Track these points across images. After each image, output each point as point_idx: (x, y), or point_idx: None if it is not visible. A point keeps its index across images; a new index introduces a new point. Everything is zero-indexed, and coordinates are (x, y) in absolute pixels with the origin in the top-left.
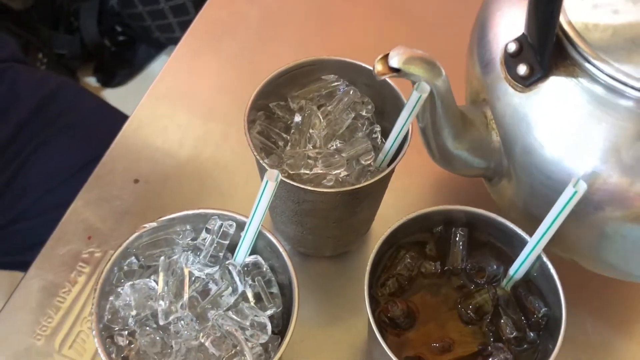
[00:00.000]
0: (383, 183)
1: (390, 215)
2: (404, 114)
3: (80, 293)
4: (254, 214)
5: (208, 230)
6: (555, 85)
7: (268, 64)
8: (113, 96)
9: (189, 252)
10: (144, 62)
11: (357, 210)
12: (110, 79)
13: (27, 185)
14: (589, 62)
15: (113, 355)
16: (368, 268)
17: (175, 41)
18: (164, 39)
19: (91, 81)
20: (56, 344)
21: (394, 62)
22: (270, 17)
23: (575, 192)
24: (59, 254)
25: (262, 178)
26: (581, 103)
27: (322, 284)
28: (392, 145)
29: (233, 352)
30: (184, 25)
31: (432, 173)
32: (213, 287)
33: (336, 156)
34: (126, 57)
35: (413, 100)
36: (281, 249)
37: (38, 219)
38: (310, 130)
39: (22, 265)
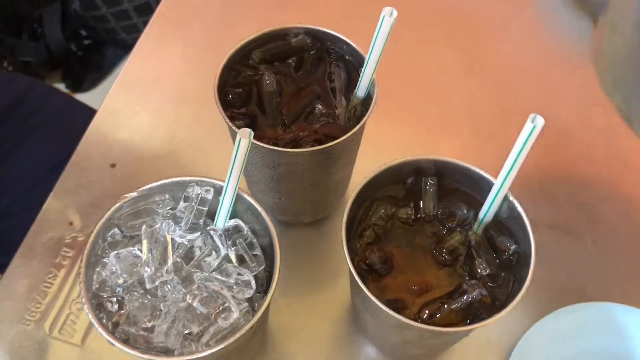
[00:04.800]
0: (355, 140)
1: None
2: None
3: (66, 277)
4: (230, 175)
5: (186, 198)
6: None
7: (234, 45)
8: (84, 100)
9: (170, 220)
10: (112, 64)
11: (333, 171)
12: (80, 84)
13: (2, 187)
14: None
15: (104, 321)
16: (344, 219)
17: None
18: (130, 40)
19: (60, 87)
20: (46, 328)
21: None
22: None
23: (534, 127)
24: (42, 242)
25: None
26: None
27: (304, 250)
28: (366, 92)
29: (221, 308)
30: None
31: (402, 133)
32: (196, 252)
33: None
34: (94, 60)
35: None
36: (261, 210)
37: (15, 219)
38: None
39: (1, 267)
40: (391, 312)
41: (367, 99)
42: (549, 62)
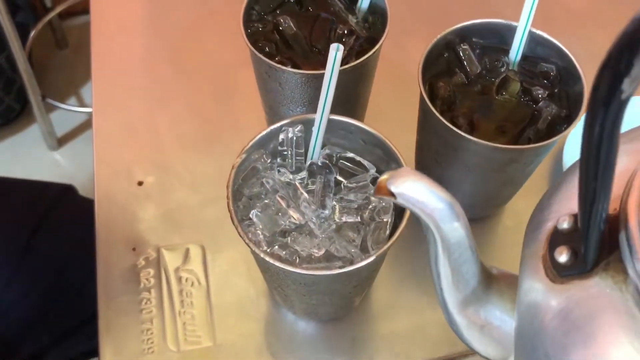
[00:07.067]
0: (370, 65)
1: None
2: None
3: (159, 294)
4: (326, 98)
5: (281, 143)
6: (597, 290)
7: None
8: None
9: (279, 168)
10: None
11: (369, 82)
12: None
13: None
14: (638, 273)
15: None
16: (426, 97)
17: None
18: None
19: None
20: (171, 346)
21: (393, 187)
22: None
23: None
24: (116, 277)
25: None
26: (619, 324)
27: None
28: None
29: (367, 212)
30: None
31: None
32: (315, 185)
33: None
34: None
35: None
36: (358, 123)
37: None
38: None
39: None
40: (500, 146)
41: (372, 6)
42: None
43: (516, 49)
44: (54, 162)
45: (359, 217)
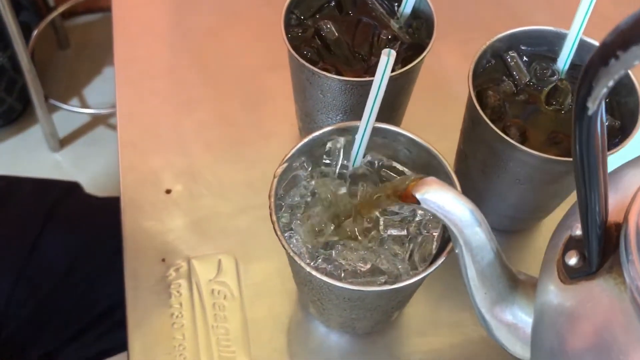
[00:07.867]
0: (415, 72)
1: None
2: None
3: (192, 306)
4: (374, 101)
5: (328, 153)
6: (600, 290)
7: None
8: None
9: (322, 178)
10: None
11: (411, 89)
12: None
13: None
14: (631, 275)
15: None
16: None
17: None
18: None
19: None
20: None
21: (418, 194)
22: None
23: None
24: (145, 289)
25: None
26: (617, 322)
27: None
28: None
29: (413, 225)
30: None
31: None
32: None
33: None
34: None
35: None
36: (401, 130)
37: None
38: None
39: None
40: (556, 157)
41: (414, 11)
42: None
43: (565, 57)
44: (56, 163)
45: (405, 231)
